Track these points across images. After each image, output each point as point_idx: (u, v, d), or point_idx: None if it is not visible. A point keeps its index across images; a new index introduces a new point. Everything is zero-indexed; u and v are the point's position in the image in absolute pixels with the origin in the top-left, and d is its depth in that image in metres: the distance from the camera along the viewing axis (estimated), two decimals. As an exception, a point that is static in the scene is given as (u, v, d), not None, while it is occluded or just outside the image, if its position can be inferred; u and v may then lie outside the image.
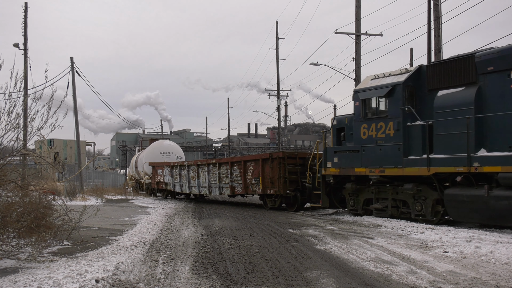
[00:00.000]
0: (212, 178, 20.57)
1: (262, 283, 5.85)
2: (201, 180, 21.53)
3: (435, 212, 11.67)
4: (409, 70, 12.64)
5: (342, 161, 14.11)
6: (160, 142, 32.52)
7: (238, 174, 18.78)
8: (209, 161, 21.35)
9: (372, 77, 13.74)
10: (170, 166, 24.76)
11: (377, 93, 12.96)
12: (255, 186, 17.79)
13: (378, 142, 12.87)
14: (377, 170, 12.82)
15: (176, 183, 24.10)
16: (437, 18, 18.69)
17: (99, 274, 6.16)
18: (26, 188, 8.94)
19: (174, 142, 34.70)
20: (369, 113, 13.30)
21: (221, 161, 20.38)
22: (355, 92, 13.82)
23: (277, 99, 40.41)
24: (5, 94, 8.38)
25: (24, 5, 27.04)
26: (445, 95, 11.53)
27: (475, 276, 6.13)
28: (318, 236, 9.68)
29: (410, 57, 32.40)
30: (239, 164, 18.82)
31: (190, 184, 22.55)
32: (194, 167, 22.20)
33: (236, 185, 19.01)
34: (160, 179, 25.97)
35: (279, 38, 39.40)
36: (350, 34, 23.08)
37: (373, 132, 13.06)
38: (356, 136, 13.61)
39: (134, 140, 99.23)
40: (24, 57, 26.50)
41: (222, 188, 19.97)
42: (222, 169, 19.88)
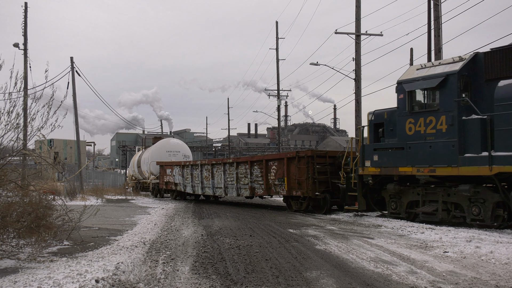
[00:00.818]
0: (229, 178, 19.39)
1: (262, 283, 5.86)
2: (216, 181, 20.34)
3: (496, 217, 10.61)
4: (463, 58, 11.45)
5: (383, 159, 12.79)
6: (166, 141, 31.09)
7: (259, 174, 17.60)
8: (226, 160, 20.23)
9: (417, 66, 12.51)
10: (181, 166, 23.47)
11: (427, 84, 11.63)
12: (279, 187, 16.63)
13: (427, 138, 11.55)
14: (426, 169, 11.51)
15: (187, 183, 22.83)
16: (437, 18, 18.70)
17: (99, 274, 6.16)
18: (26, 188, 8.95)
19: (181, 141, 32.77)
20: (416, 106, 12.07)
21: (239, 160, 19.12)
22: (399, 83, 12.47)
23: (277, 99, 40.42)
24: (5, 94, 8.39)
25: (24, 5, 27.06)
26: (508, 85, 10.37)
27: (475, 276, 6.14)
28: (318, 236, 9.69)
29: (410, 57, 32.41)
30: (260, 164, 17.62)
31: (203, 185, 21.29)
32: (208, 166, 20.94)
33: (256, 186, 17.81)
34: (169, 179, 24.71)
35: (279, 38, 39.44)
36: (350, 34, 23.08)
37: (421, 128, 11.75)
38: (401, 132, 12.29)
39: (134, 140, 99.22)
40: (24, 57, 26.52)
41: (240, 189, 18.77)
42: (240, 168, 18.67)
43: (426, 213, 11.90)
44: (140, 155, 33.88)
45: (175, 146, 30.00)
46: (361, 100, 23.02)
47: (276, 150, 59.86)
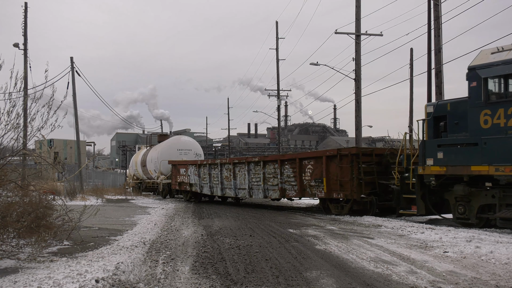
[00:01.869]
0: (254, 178, 17.89)
1: (262, 283, 5.86)
2: (239, 181, 18.84)
3: None
4: None
5: (451, 157, 11.22)
6: (177, 138, 29.43)
7: (291, 174, 16.10)
8: (250, 159, 18.59)
9: (492, 50, 11.02)
10: (197, 165, 21.93)
11: (509, 69, 10.10)
12: (316, 188, 15.06)
13: (508, 132, 10.09)
14: (507, 168, 9.99)
15: (204, 184, 21.31)
16: (437, 18, 18.70)
17: (99, 274, 6.16)
18: (26, 188, 8.95)
19: (192, 138, 31.14)
20: (493, 96, 10.56)
21: (267, 159, 17.61)
22: (471, 69, 10.89)
23: (277, 99, 40.42)
24: (5, 94, 8.39)
25: (24, 5, 27.07)
26: None
27: (475, 276, 6.14)
28: (318, 236, 9.69)
29: (410, 57, 32.43)
30: (292, 163, 16.12)
31: (223, 186, 19.83)
32: (229, 166, 19.47)
33: (287, 187, 16.28)
34: (183, 179, 23.13)
35: (279, 38, 39.44)
36: (350, 34, 23.08)
37: (500, 120, 10.27)
38: (473, 126, 10.75)
39: (134, 140, 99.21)
40: (24, 57, 26.54)
41: (267, 191, 17.29)
42: (268, 168, 17.19)
43: (506, 219, 10.30)
44: (144, 153, 32.40)
45: (186, 144, 28.30)
46: (361, 100, 23.02)
47: (276, 150, 59.83)
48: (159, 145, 29.82)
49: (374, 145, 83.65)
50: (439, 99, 18.51)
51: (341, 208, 14.46)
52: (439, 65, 18.51)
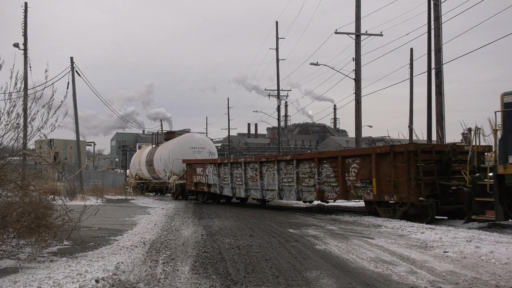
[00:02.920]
0: (285, 179, 16.40)
1: (262, 283, 5.86)
2: (266, 182, 17.36)
3: None
4: None
5: None
6: (189, 136, 27.41)
7: (331, 174, 14.57)
8: (281, 157, 16.96)
9: None
10: (216, 164, 20.48)
11: None
12: (362, 190, 13.49)
13: None
14: None
15: (225, 184, 19.92)
16: (437, 18, 18.70)
17: (99, 274, 6.16)
18: (26, 188, 8.95)
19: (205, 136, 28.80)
20: None
21: (301, 157, 16.01)
22: None
23: (277, 99, 40.43)
24: (5, 94, 8.39)
25: (24, 5, 27.08)
26: None
27: (475, 276, 6.14)
28: (318, 236, 9.69)
29: (410, 57, 32.45)
30: (333, 161, 14.56)
31: (248, 186, 18.38)
32: (254, 165, 17.98)
33: (327, 188, 14.74)
34: (200, 179, 21.68)
35: (279, 38, 39.44)
36: (350, 34, 23.09)
37: None
38: None
39: (134, 140, 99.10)
40: (24, 57, 26.55)
41: (301, 192, 15.75)
42: (302, 167, 15.67)
43: None
44: (150, 152, 30.79)
45: (200, 142, 26.44)
46: (361, 100, 23.02)
47: (276, 150, 59.83)
48: (168, 143, 28.12)
49: (374, 145, 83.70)
50: (439, 99, 18.54)
51: (393, 212, 12.82)
52: (439, 65, 18.51)
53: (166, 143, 28.88)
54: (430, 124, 20.35)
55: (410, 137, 28.70)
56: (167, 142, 29.24)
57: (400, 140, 23.59)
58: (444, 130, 18.40)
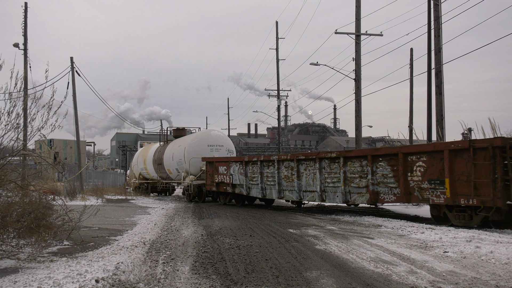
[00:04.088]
0: (329, 179, 14.68)
1: (262, 283, 5.86)
2: (305, 182, 15.65)
3: None
4: None
5: None
6: (206, 133, 25.40)
7: (388, 174, 12.80)
8: (323, 154, 15.08)
9: None
10: (243, 162, 18.81)
11: None
12: (431, 192, 11.69)
13: None
14: None
15: (253, 185, 18.29)
16: (437, 18, 18.70)
17: (99, 274, 6.16)
18: (26, 188, 8.95)
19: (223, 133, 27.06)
20: None
21: (350, 155, 14.13)
22: None
23: (277, 99, 40.43)
24: (5, 94, 8.39)
25: (24, 5, 27.10)
26: None
27: (475, 276, 6.13)
28: (318, 236, 9.69)
29: (410, 57, 32.46)
30: (391, 159, 12.77)
31: (282, 187, 16.70)
32: (290, 163, 16.34)
33: (383, 189, 12.95)
34: (223, 179, 20.11)
35: (279, 38, 39.43)
36: (350, 34, 23.10)
37: None
38: None
39: (134, 140, 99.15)
40: (24, 57, 26.57)
41: (349, 194, 13.99)
42: (351, 166, 13.98)
43: None
44: (159, 150, 29.01)
45: (218, 139, 24.58)
46: (361, 100, 23.03)
47: (276, 150, 59.81)
48: (181, 141, 26.12)
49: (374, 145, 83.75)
50: (439, 99, 18.53)
51: (469, 218, 11.10)
52: (439, 65, 18.51)
53: (178, 140, 27.05)
54: (430, 124, 20.36)
55: (410, 137, 28.71)
56: (178, 139, 27.36)
57: (400, 140, 23.58)
58: (444, 130, 18.39)
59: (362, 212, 15.84)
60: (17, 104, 8.42)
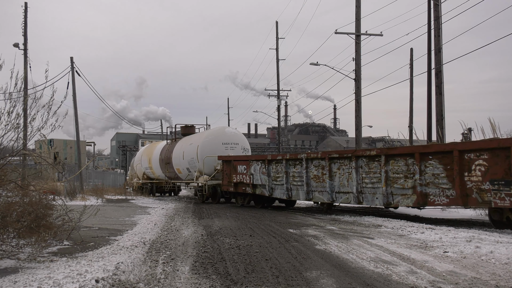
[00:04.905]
0: (368, 179, 13.40)
1: (262, 283, 5.86)
2: (338, 182, 14.42)
3: None
4: None
5: None
6: (220, 130, 23.94)
7: (441, 173, 11.47)
8: (362, 152, 13.91)
9: None
10: (266, 161, 17.56)
11: None
12: (493, 194, 10.43)
13: None
14: None
15: (276, 185, 17.10)
16: (437, 18, 18.71)
17: (99, 274, 6.15)
18: (26, 188, 8.94)
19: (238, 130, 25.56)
20: None
21: (393, 152, 12.79)
22: None
23: (277, 99, 40.43)
24: (5, 94, 8.39)
25: (24, 5, 27.10)
26: None
27: (475, 276, 6.13)
28: (318, 236, 9.69)
29: (410, 57, 32.49)
30: (443, 156, 11.42)
31: (310, 188, 15.46)
32: (320, 161, 15.07)
33: (433, 190, 11.64)
34: (242, 179, 18.91)
35: (279, 38, 39.43)
36: (350, 34, 23.10)
37: None
38: None
39: (134, 140, 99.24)
40: (24, 57, 26.58)
41: (391, 196, 12.70)
42: (394, 164, 12.61)
43: None
44: (166, 148, 27.92)
45: (233, 137, 23.32)
46: (361, 100, 23.03)
47: (276, 150, 59.80)
48: (192, 138, 24.92)
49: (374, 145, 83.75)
50: (439, 99, 18.54)
51: None
52: (439, 65, 18.52)
53: (188, 138, 25.77)
54: (430, 124, 20.36)
55: (410, 137, 28.71)
56: (188, 137, 26.06)
57: (400, 140, 23.57)
58: (444, 130, 18.40)
59: (362, 212, 15.85)
60: (17, 104, 8.42)
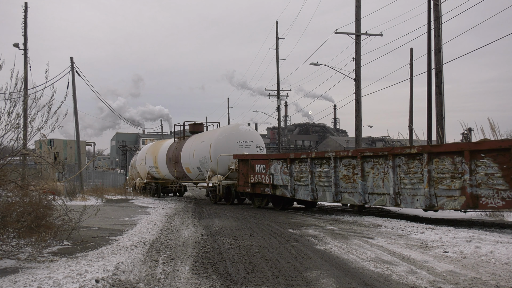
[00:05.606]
0: (407, 179, 12.17)
1: (262, 283, 5.86)
2: (372, 183, 13.21)
3: None
4: None
5: None
6: (234, 128, 22.67)
7: (495, 173, 10.39)
8: (399, 150, 12.50)
9: None
10: (288, 160, 16.44)
11: None
12: None
13: None
14: None
15: (299, 186, 15.98)
16: (437, 18, 18.70)
17: (99, 274, 6.16)
18: (26, 188, 8.94)
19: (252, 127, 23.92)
20: None
21: (438, 150, 11.59)
22: None
23: (277, 99, 40.43)
24: (5, 94, 8.40)
25: (24, 5, 27.09)
26: None
27: (475, 276, 6.13)
28: (318, 236, 9.69)
29: (410, 57, 32.46)
30: (499, 155, 10.36)
31: (339, 189, 14.35)
32: (351, 160, 13.91)
33: (486, 192, 10.52)
34: (260, 179, 17.86)
35: (279, 38, 39.43)
36: (350, 34, 23.10)
37: None
38: None
39: (134, 140, 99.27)
40: (24, 57, 26.57)
41: (435, 197, 11.47)
42: (439, 163, 11.44)
43: None
44: (174, 147, 26.82)
45: (248, 135, 22.19)
46: (361, 100, 23.03)
47: (276, 150, 59.80)
48: (203, 136, 23.89)
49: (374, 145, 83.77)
50: (439, 99, 18.54)
51: None
52: (439, 65, 18.52)
53: (198, 136, 24.71)
54: (430, 124, 20.37)
55: (410, 137, 28.71)
56: (198, 135, 25.09)
57: (400, 140, 23.57)
58: (444, 130, 18.40)
59: (362, 212, 15.84)
60: (17, 104, 8.42)
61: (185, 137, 27.08)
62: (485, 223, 12.24)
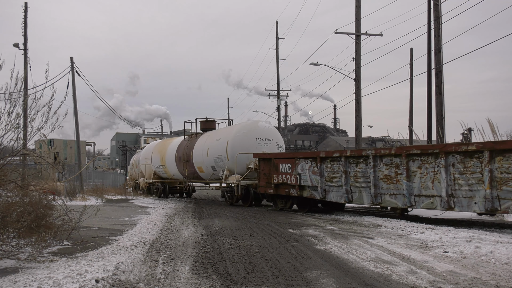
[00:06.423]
0: (462, 179, 10.85)
1: (262, 283, 5.85)
2: (419, 184, 11.90)
3: None
4: None
5: None
6: (253, 124, 21.37)
7: None
8: (453, 147, 11.23)
9: None
10: (317, 159, 15.22)
11: None
12: None
13: None
14: None
15: (331, 187, 14.75)
16: (437, 18, 18.71)
17: (99, 274, 6.16)
18: (26, 188, 8.94)
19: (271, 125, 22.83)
20: None
21: (501, 147, 10.20)
22: None
23: (277, 99, 40.43)
24: (5, 94, 8.40)
25: (24, 5, 27.10)
26: None
27: (475, 276, 6.13)
28: (318, 236, 9.69)
29: (410, 57, 32.48)
30: None
31: (379, 190, 13.06)
32: (394, 159, 12.63)
33: None
34: (285, 179, 16.64)
35: (279, 38, 39.43)
36: (350, 34, 23.11)
37: None
38: None
39: (134, 140, 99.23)
40: (24, 57, 26.59)
41: (497, 200, 10.17)
42: (503, 162, 10.09)
43: None
44: (185, 145, 25.57)
45: (267, 132, 20.97)
46: (361, 100, 23.04)
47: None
48: (217, 133, 22.68)
49: (374, 145, 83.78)
50: (439, 99, 18.55)
51: None
52: (439, 65, 18.52)
53: (213, 133, 23.50)
54: (430, 124, 20.37)
55: (410, 137, 28.72)
56: (212, 132, 23.99)
57: (400, 140, 23.56)
58: (444, 130, 18.40)
59: (362, 212, 15.84)
60: (17, 104, 8.42)
61: (197, 134, 25.68)
62: (485, 223, 12.24)
